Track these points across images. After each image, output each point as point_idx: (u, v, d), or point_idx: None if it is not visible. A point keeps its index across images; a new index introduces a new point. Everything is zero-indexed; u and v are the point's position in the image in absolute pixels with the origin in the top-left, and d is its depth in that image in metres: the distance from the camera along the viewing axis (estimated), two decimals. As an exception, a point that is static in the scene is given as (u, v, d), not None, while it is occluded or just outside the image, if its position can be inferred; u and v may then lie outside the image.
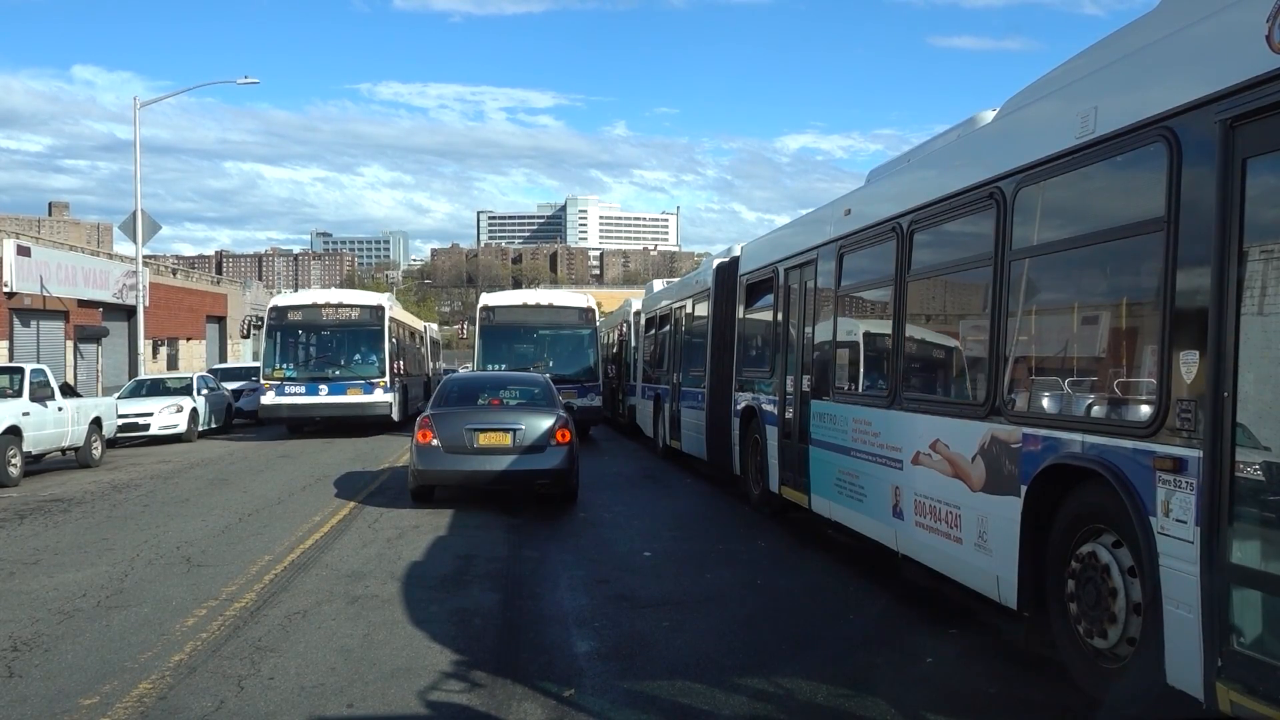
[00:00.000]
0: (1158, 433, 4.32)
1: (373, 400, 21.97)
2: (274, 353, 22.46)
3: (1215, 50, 4.16)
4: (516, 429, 11.16)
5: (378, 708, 4.88)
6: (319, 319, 22.93)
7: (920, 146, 8.43)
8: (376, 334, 22.71)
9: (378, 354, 22.56)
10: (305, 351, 23.47)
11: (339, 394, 21.90)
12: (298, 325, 23.07)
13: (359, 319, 22.90)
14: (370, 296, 24.55)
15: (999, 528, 5.63)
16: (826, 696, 5.02)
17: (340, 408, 21.93)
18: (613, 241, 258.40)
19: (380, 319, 22.76)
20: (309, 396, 21.83)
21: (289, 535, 9.60)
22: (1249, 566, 3.82)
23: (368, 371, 22.36)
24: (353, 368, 22.63)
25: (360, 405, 21.93)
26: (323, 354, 23.39)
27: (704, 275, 14.94)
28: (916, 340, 7.38)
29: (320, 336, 23.44)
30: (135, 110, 26.99)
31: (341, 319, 22.91)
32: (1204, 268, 4.04)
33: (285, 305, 23.33)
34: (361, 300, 23.78)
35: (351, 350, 23.21)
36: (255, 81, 28.57)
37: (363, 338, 23.04)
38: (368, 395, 21.94)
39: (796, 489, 9.68)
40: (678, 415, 16.28)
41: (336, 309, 22.97)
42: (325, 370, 22.60)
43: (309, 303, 23.55)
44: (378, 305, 23.15)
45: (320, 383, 22.03)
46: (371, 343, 22.84)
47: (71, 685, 5.14)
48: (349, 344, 23.30)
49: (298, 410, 22.04)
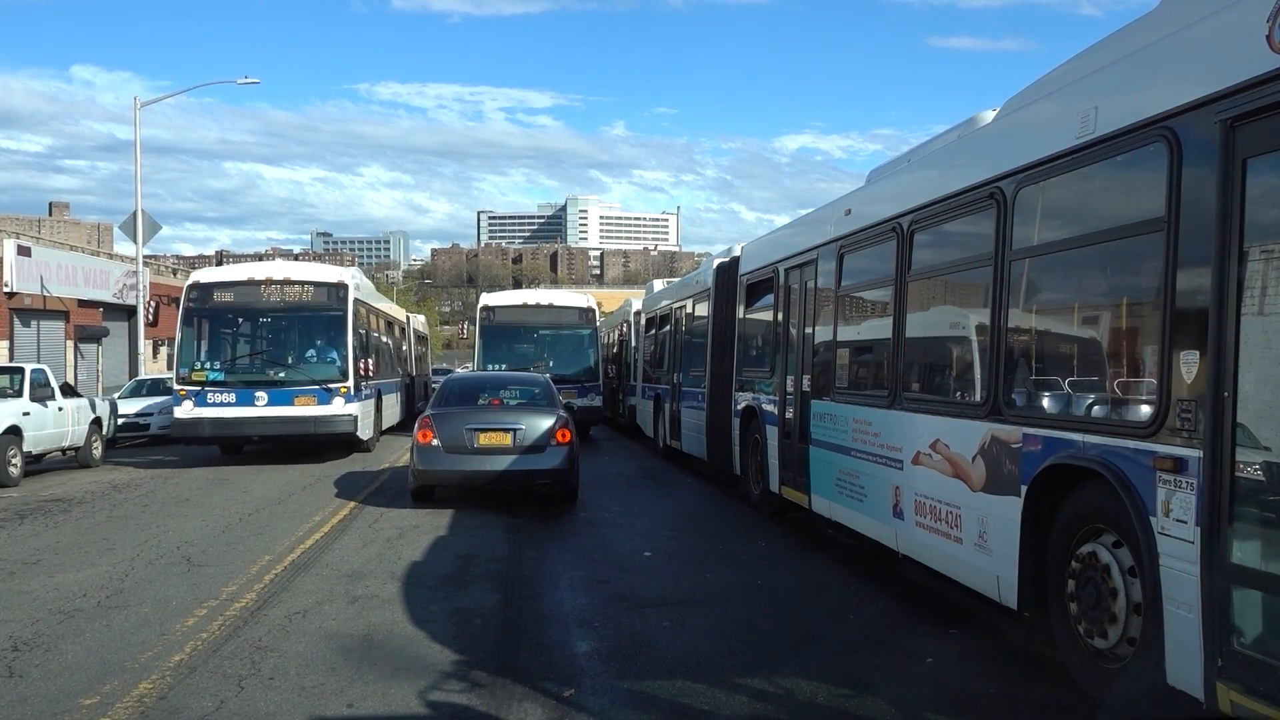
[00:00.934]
0: (1158, 433, 4.32)
1: (330, 413, 16.07)
2: (192, 347, 16.60)
3: (1215, 50, 4.16)
4: (517, 429, 11.16)
5: (378, 708, 4.88)
6: (257, 301, 16.72)
7: (920, 146, 8.43)
8: (337, 322, 16.72)
9: (338, 349, 16.69)
10: (238, 345, 17.81)
11: (283, 404, 16.02)
12: (227, 310, 17.04)
13: (313, 301, 16.79)
14: (327, 271, 18.04)
15: (999, 528, 5.63)
16: (826, 696, 5.02)
17: (285, 423, 16.01)
18: (613, 241, 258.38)
19: (342, 302, 16.72)
20: (241, 408, 15.96)
21: (289, 535, 9.60)
22: (1249, 566, 3.82)
23: (324, 373, 16.48)
24: (304, 368, 16.69)
25: (313, 420, 16.00)
26: (262, 349, 17.71)
27: (704, 275, 14.94)
28: (917, 340, 7.38)
29: (259, 325, 17.68)
30: (135, 110, 26.99)
31: (289, 301, 16.70)
32: (1204, 268, 4.04)
33: (211, 282, 16.96)
34: (315, 276, 17.33)
35: (303, 344, 17.44)
36: (255, 81, 28.58)
37: (318, 327, 17.27)
38: (324, 406, 16.07)
39: (797, 489, 9.68)
40: (678, 415, 16.28)
41: (282, 288, 16.66)
42: (265, 371, 16.74)
43: (243, 279, 17.02)
44: (337, 283, 16.92)
45: (258, 388, 16.10)
46: (330, 334, 16.95)
47: (72, 685, 5.14)
48: (299, 336, 17.54)
49: (224, 428, 16.14)
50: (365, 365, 17.17)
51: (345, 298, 16.80)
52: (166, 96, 39.46)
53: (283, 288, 16.76)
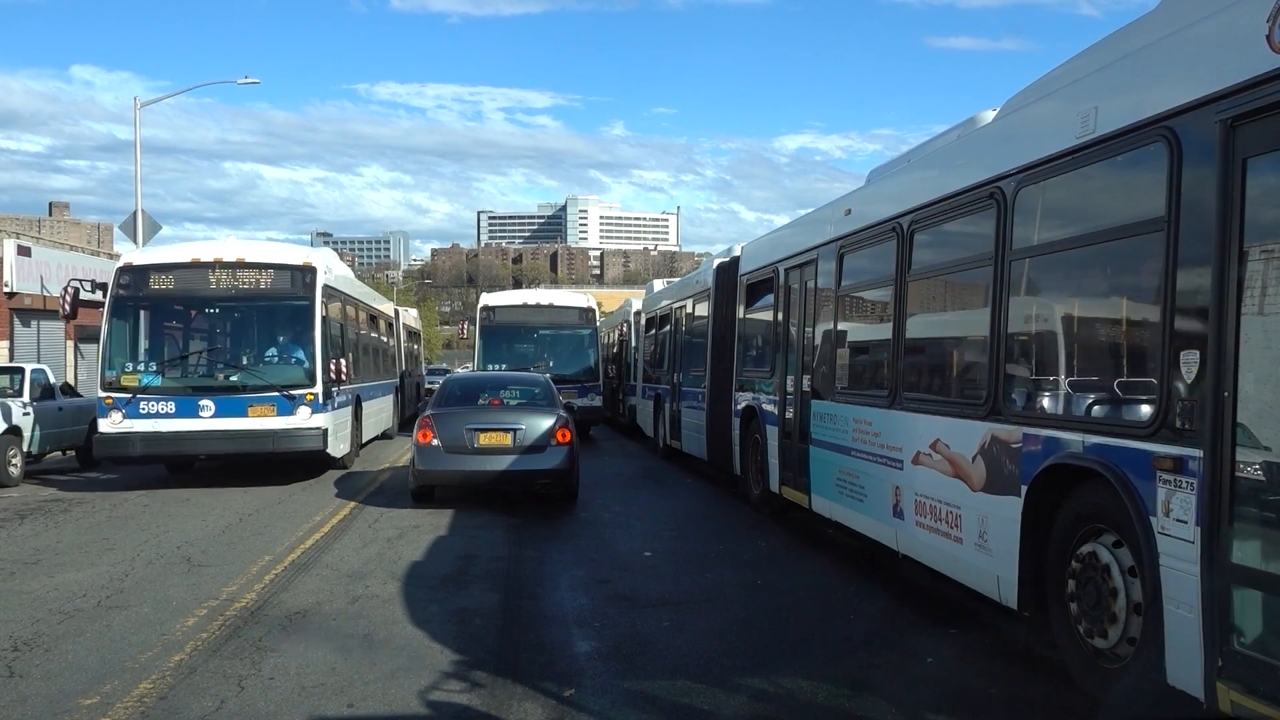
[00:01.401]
0: (1158, 432, 4.32)
1: (292, 425, 13.12)
2: (123, 345, 13.58)
3: (1215, 50, 4.16)
4: (517, 429, 11.17)
5: (378, 708, 4.88)
6: (204, 288, 13.59)
7: (920, 146, 8.43)
8: (302, 314, 13.64)
9: (304, 347, 13.64)
10: (179, 343, 14.76)
11: (234, 415, 13.02)
12: (166, 299, 13.96)
13: (272, 288, 13.71)
14: (291, 251, 14.60)
15: (999, 527, 5.63)
16: (826, 696, 5.02)
17: (236, 439, 13.04)
18: (613, 241, 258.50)
19: (308, 289, 13.60)
20: (181, 420, 12.91)
21: (289, 535, 9.60)
22: (1249, 566, 3.82)
23: (286, 376, 13.45)
24: (261, 370, 13.63)
25: (271, 435, 13.04)
26: (209, 347, 14.88)
27: (704, 275, 14.94)
28: (917, 340, 7.38)
29: (205, 318, 14.91)
30: (135, 110, 26.99)
31: (243, 288, 13.61)
32: (1204, 268, 4.04)
33: (146, 265, 13.68)
34: (276, 257, 14.08)
35: (260, 341, 14.54)
36: (255, 81, 28.55)
37: (280, 320, 14.36)
38: (285, 417, 13.12)
39: (797, 489, 9.67)
40: (678, 415, 16.28)
41: (234, 272, 13.54)
42: (213, 375, 13.79)
43: (186, 260, 13.75)
44: (303, 266, 13.75)
45: (203, 396, 13.09)
46: (294, 328, 14.01)
47: (72, 685, 5.14)
48: (256, 330, 14.70)
49: (159, 444, 13.02)
50: (338, 366, 13.95)
51: (313, 284, 13.61)
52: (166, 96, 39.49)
53: (235, 272, 13.53)
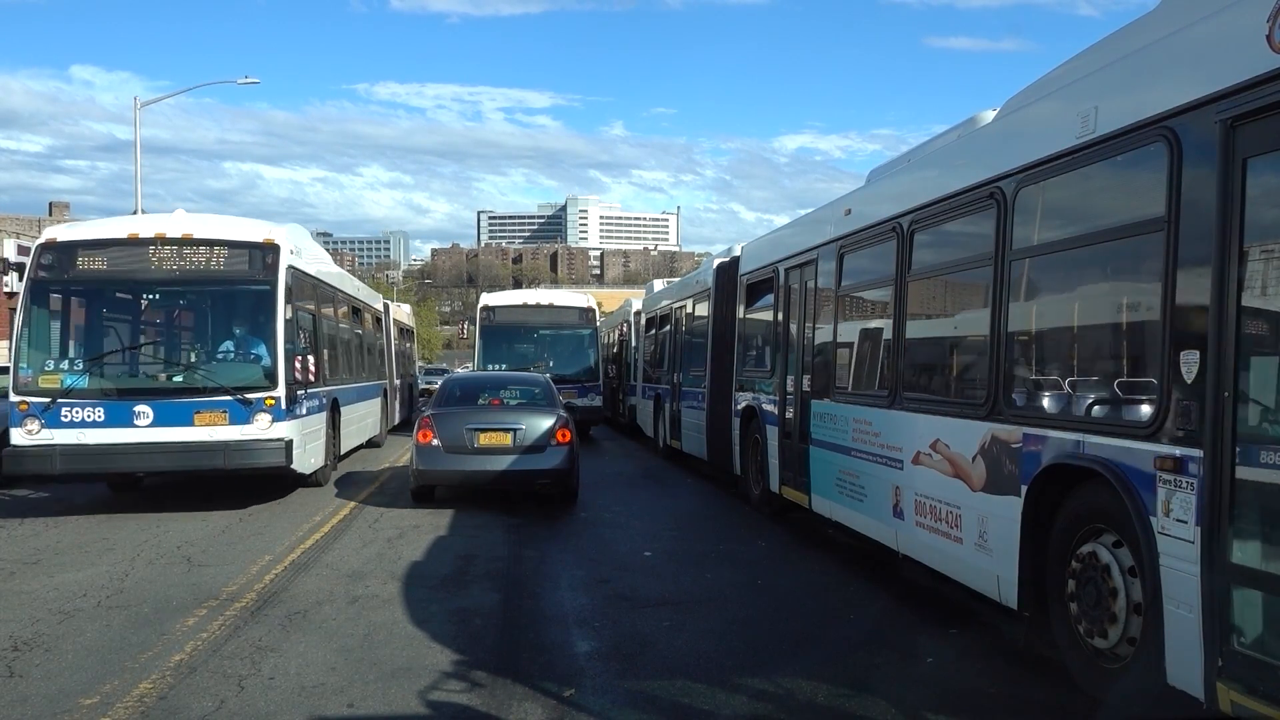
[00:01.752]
0: (1158, 433, 4.32)
1: (249, 436, 10.75)
2: (43, 336, 11.08)
3: (1215, 50, 4.16)
4: (517, 429, 11.17)
5: (378, 708, 4.88)
6: (143, 269, 11.12)
7: (920, 146, 8.43)
8: (262, 301, 11.21)
9: (265, 340, 11.19)
10: (110, 336, 11.93)
11: (177, 423, 10.61)
12: (97, 282, 11.41)
13: (226, 269, 11.24)
14: (250, 226, 11.79)
15: (999, 528, 5.63)
16: (827, 696, 5.02)
17: (178, 453, 10.63)
18: (613, 241, 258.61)
19: (270, 270, 11.16)
20: (112, 430, 10.50)
21: (289, 535, 9.60)
22: (1249, 566, 3.82)
23: (241, 376, 11.07)
24: (211, 369, 11.17)
25: (221, 448, 10.66)
26: (148, 340, 12.16)
27: (704, 275, 14.94)
28: (917, 340, 7.38)
29: (144, 305, 12.27)
30: (135, 110, 27.01)
31: (190, 269, 11.11)
32: (1204, 267, 4.05)
33: (73, 241, 11.23)
34: (231, 233, 11.48)
35: (212, 333, 12.17)
36: (255, 81, 28.62)
37: (236, 308, 12.00)
38: (240, 426, 10.74)
39: (797, 489, 9.67)
40: (678, 415, 16.28)
41: (180, 250, 11.09)
42: (151, 375, 11.38)
43: (121, 236, 11.22)
44: (264, 243, 11.29)
45: (139, 400, 10.64)
46: (253, 318, 11.59)
47: (72, 685, 5.14)
48: (206, 321, 12.44)
49: (84, 460, 10.60)
50: (306, 364, 11.69)
51: (275, 265, 11.10)
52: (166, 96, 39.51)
53: (181, 250, 11.05)
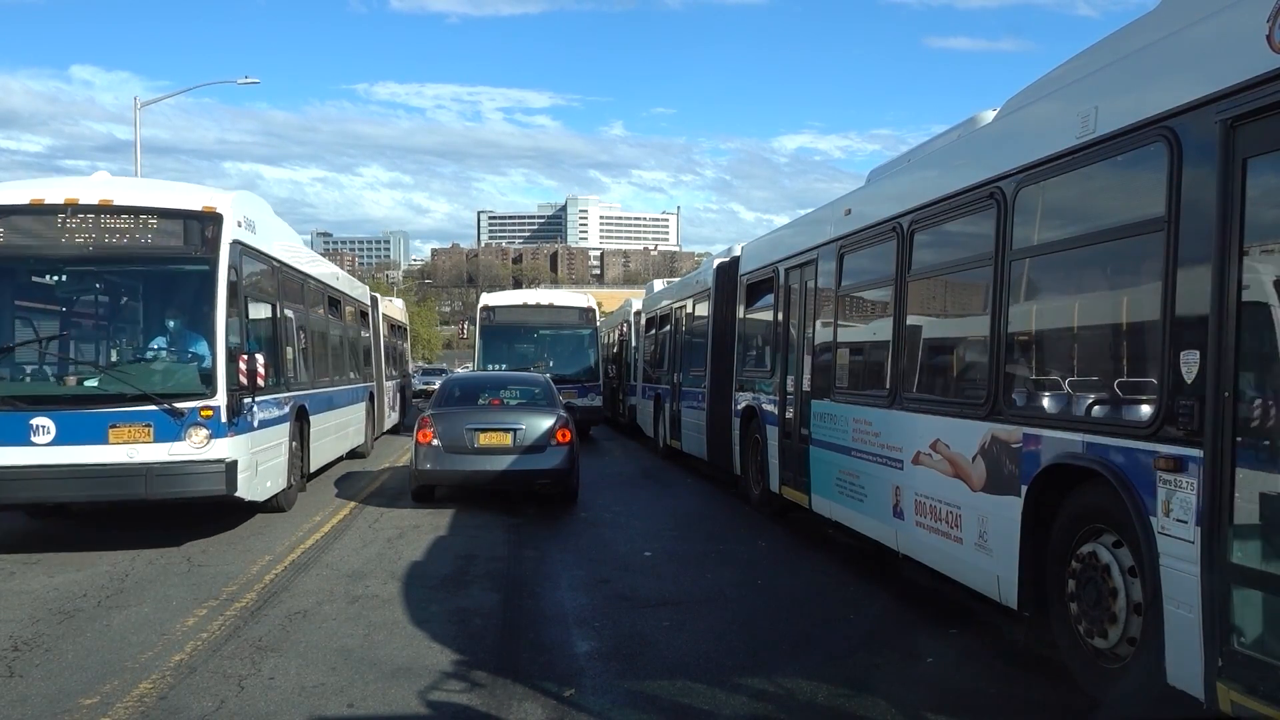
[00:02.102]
0: (1158, 432, 4.32)
1: (180, 457, 8.56)
2: None
3: (1215, 50, 4.16)
4: (517, 429, 11.17)
5: (378, 707, 4.88)
6: (52, 243, 8.92)
7: (920, 146, 8.44)
8: (198, 283, 9.05)
9: (203, 334, 8.99)
10: (6, 329, 9.19)
11: (87, 439, 8.41)
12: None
13: (155, 245, 8.99)
14: (185, 193, 9.49)
15: (999, 528, 5.63)
16: (827, 696, 5.02)
17: (89, 479, 8.45)
18: (613, 241, 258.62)
19: (210, 246, 8.96)
20: (6, 449, 8.27)
21: (289, 535, 9.60)
22: (1249, 566, 3.82)
23: (170, 380, 8.91)
24: (131, 371, 8.90)
25: (143, 472, 8.47)
26: (54, 335, 9.58)
27: (704, 275, 14.94)
28: (917, 340, 7.38)
29: (52, 290, 9.67)
30: (136, 110, 27.00)
31: (110, 244, 8.89)
32: (1204, 268, 4.05)
33: None
34: (159, 200, 9.21)
35: (140, 326, 9.94)
36: (255, 81, 28.58)
37: (166, 294, 9.74)
38: (168, 444, 8.54)
39: (797, 489, 9.67)
40: (678, 415, 16.28)
41: (98, 220, 8.87)
42: (57, 378, 9.06)
43: (22, 202, 8.93)
44: (202, 211, 9.03)
45: (38, 411, 8.41)
46: (186, 306, 9.41)
47: (72, 685, 5.14)
48: (127, 311, 10.23)
49: None
50: (252, 365, 9.10)
51: (216, 239, 8.83)
52: (166, 96, 39.51)
53: (99, 220, 8.81)
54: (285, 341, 11.38)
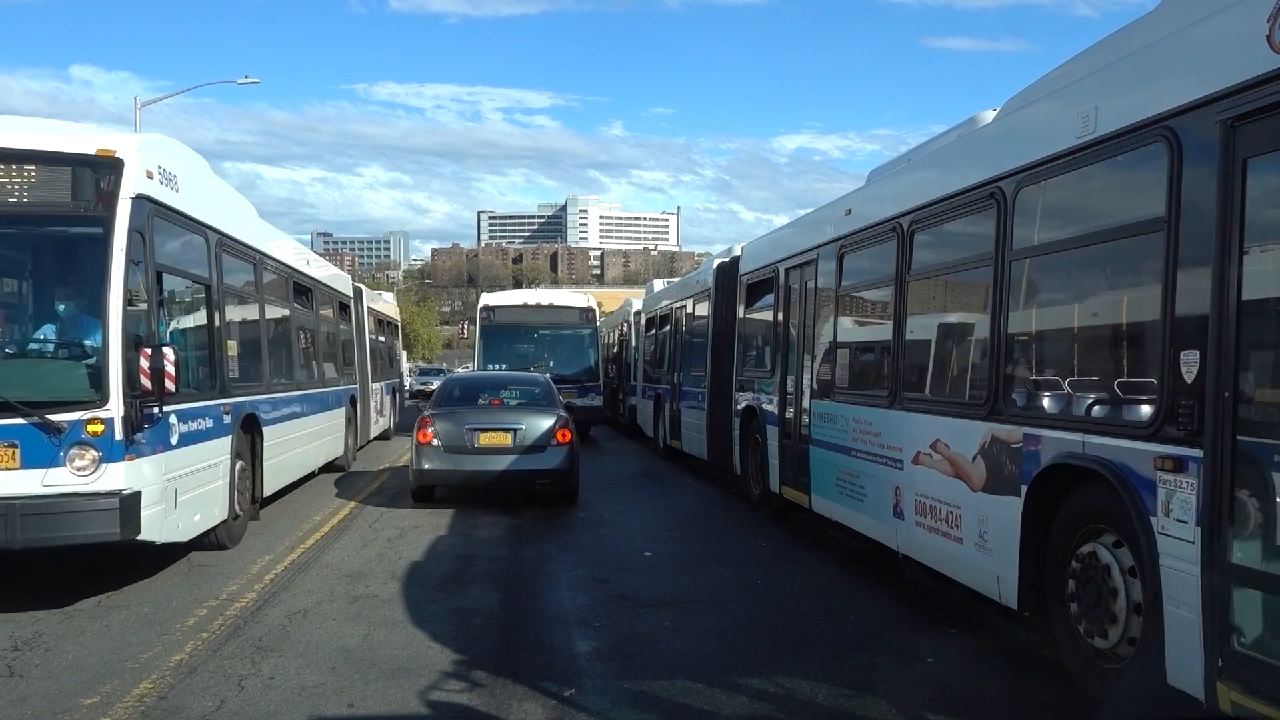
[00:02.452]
0: (1158, 432, 4.32)
1: (57, 490, 6.20)
2: None
3: (1215, 50, 4.16)
4: (517, 429, 11.17)
5: (378, 707, 4.88)
6: None
7: (920, 146, 8.44)
8: (88, 251, 6.71)
9: (90, 320, 6.60)
10: None
11: None
12: None
13: (30, 204, 6.55)
14: (75, 135, 6.76)
15: (999, 528, 5.63)
16: (827, 696, 5.02)
17: None
18: (613, 241, 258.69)
19: (106, 202, 6.49)
20: None
21: (289, 535, 9.60)
22: (1249, 566, 3.82)
23: (46, 380, 6.54)
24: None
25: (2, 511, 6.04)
26: None
27: (704, 275, 14.94)
28: (917, 340, 7.38)
29: None
30: (136, 110, 26.99)
31: None
32: (1204, 267, 4.05)
33: None
34: (44, 142, 6.63)
35: (20, 312, 7.51)
36: (255, 81, 28.59)
37: (45, 267, 7.37)
38: (41, 470, 6.17)
39: (797, 489, 9.67)
40: (678, 415, 16.28)
41: None
42: None
43: None
44: (97, 155, 6.52)
45: None
46: (71, 285, 7.17)
47: (72, 685, 5.14)
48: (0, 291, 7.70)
49: None
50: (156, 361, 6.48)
51: (113, 193, 6.58)
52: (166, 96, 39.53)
53: None
54: (226, 334, 8.86)
